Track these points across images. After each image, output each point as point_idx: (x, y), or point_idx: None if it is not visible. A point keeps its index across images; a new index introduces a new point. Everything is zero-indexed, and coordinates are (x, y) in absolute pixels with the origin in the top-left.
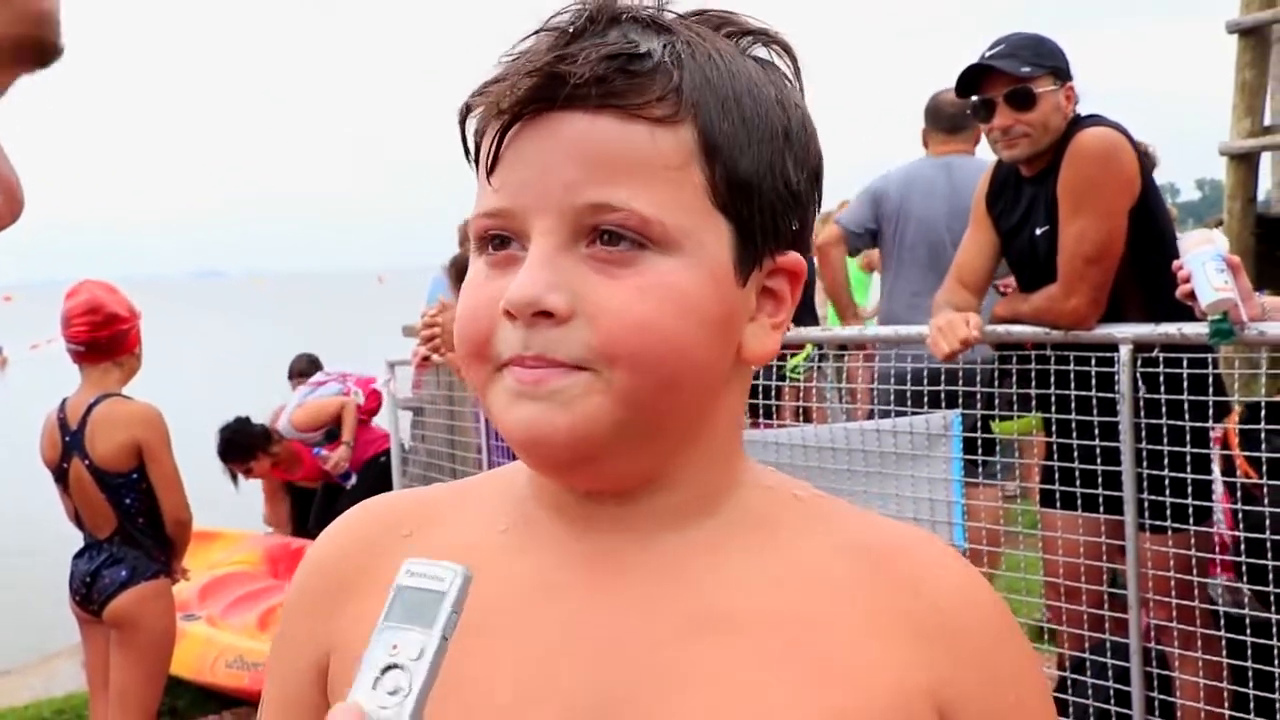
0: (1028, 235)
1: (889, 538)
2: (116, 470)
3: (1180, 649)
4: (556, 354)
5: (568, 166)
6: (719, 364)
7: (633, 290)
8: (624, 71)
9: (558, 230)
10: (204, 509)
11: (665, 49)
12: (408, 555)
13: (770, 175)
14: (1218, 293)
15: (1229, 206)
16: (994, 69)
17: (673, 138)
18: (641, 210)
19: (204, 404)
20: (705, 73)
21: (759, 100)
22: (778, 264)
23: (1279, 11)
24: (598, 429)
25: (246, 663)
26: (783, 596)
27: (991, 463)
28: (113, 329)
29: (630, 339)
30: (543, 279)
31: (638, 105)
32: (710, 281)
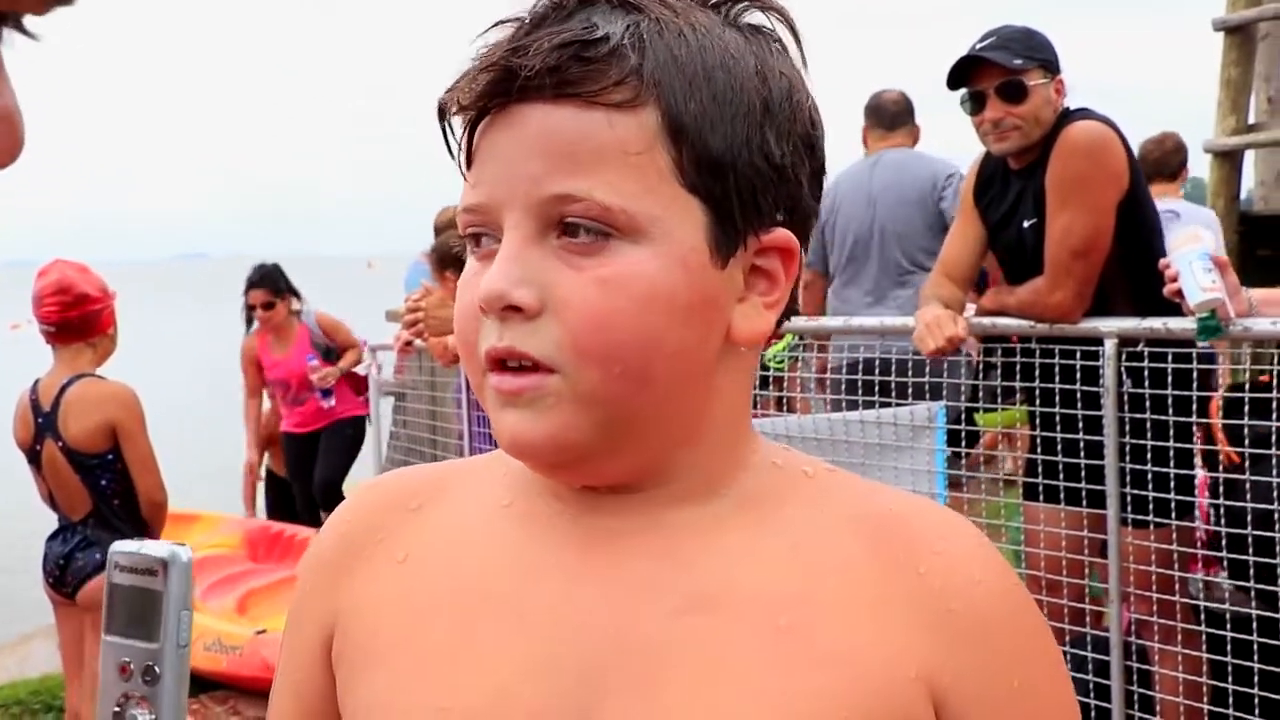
0: (1015, 228)
1: (894, 509)
2: (91, 451)
3: (1160, 644)
4: (527, 348)
5: (531, 159)
6: (699, 351)
7: (594, 282)
8: (578, 59)
9: (525, 224)
10: (182, 491)
11: (627, 30)
12: (416, 527)
13: (746, 151)
14: (1205, 292)
15: (1213, 204)
16: (985, 61)
17: (634, 122)
18: (602, 199)
19: (183, 385)
20: (671, 51)
21: (734, 73)
22: (764, 242)
23: (1265, 9)
24: (577, 434)
25: (225, 646)
26: (777, 575)
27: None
28: (83, 309)
29: (593, 335)
30: (511, 273)
31: (594, 92)
32: (680, 268)
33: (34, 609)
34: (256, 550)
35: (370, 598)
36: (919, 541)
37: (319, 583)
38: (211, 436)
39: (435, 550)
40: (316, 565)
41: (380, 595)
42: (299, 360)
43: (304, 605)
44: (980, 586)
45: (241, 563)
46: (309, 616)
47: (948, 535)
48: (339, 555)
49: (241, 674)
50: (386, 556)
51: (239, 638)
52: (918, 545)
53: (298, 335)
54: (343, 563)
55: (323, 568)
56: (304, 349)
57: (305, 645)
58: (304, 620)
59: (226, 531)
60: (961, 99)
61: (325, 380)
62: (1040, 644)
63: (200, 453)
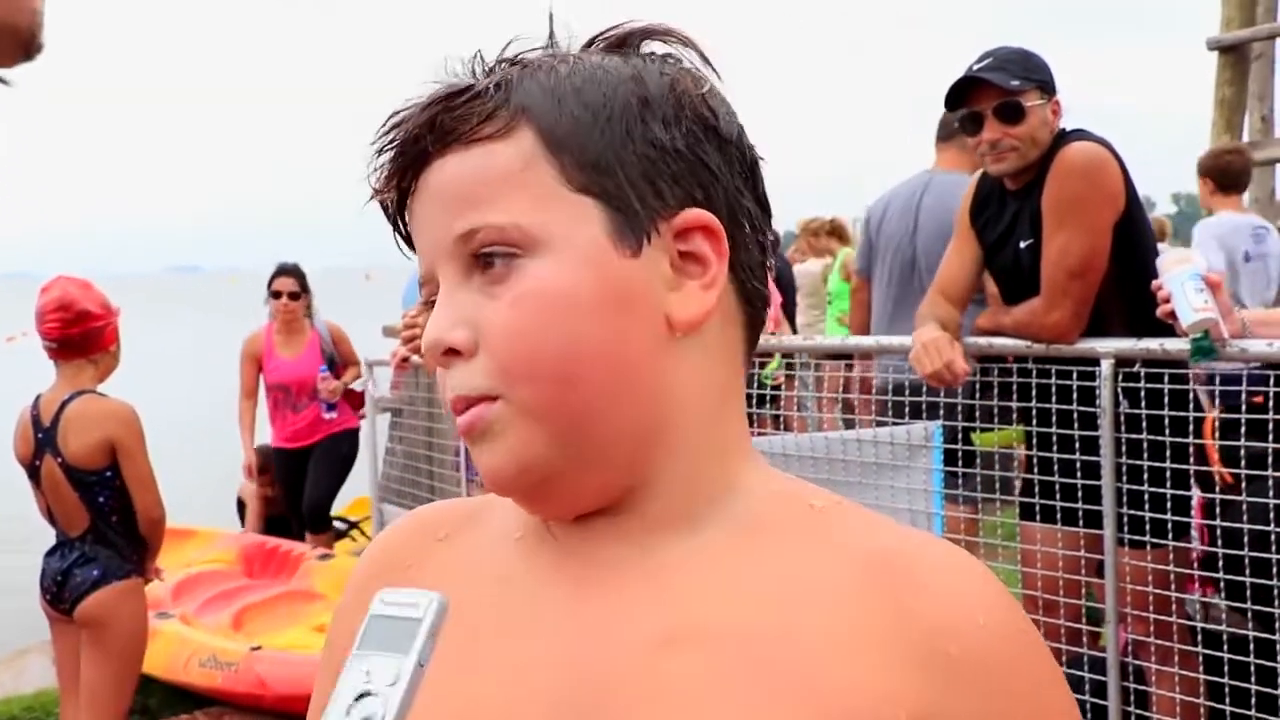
0: (1012, 248)
1: (895, 546)
2: (89, 468)
3: (1157, 664)
4: (467, 390)
5: (438, 212)
6: (625, 344)
7: (507, 304)
8: (447, 110)
9: (450, 271)
10: (179, 507)
11: (490, 78)
12: (442, 557)
13: (630, 143)
14: (1198, 313)
15: None
16: (982, 82)
17: (510, 147)
18: (494, 221)
19: (176, 399)
20: (539, 81)
21: (605, 83)
22: (678, 224)
23: (1258, 30)
24: (533, 451)
25: (220, 662)
26: (767, 610)
27: (971, 477)
28: (84, 326)
29: (512, 354)
30: (444, 319)
31: (468, 131)
32: (584, 265)
33: (29, 624)
34: (252, 566)
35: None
36: (919, 580)
37: (350, 606)
38: (206, 451)
39: (453, 581)
40: (350, 590)
41: None
42: (306, 365)
43: (336, 627)
44: (983, 630)
45: (237, 578)
46: (339, 638)
47: (950, 574)
48: (368, 580)
49: (236, 690)
50: (412, 584)
51: (234, 654)
52: (917, 584)
53: (309, 339)
54: (371, 588)
55: (354, 593)
56: (314, 355)
57: (332, 666)
58: (335, 642)
59: (222, 547)
60: (960, 120)
61: (334, 394)
62: (1050, 693)
63: (196, 467)
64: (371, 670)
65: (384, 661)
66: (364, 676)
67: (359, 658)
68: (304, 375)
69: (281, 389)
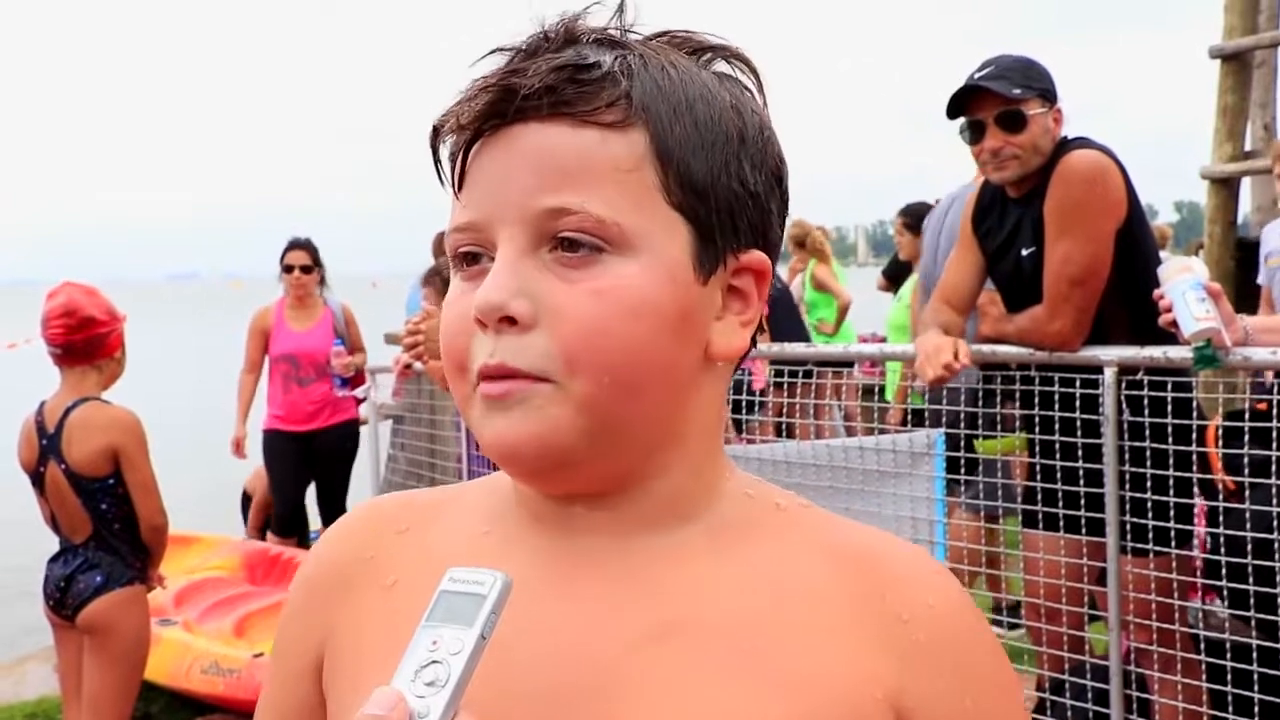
0: (1014, 256)
1: (863, 543)
2: (93, 475)
3: (1160, 672)
4: (518, 363)
5: (525, 174)
6: (682, 363)
7: (588, 293)
8: (573, 81)
9: (519, 237)
10: (180, 514)
11: (616, 60)
12: (403, 551)
13: (725, 175)
14: (1199, 322)
15: (1209, 230)
16: (984, 90)
17: (624, 141)
18: (596, 212)
19: (176, 406)
20: (657, 81)
21: (712, 105)
22: (741, 263)
23: (1261, 38)
24: (564, 438)
25: (222, 669)
26: (745, 602)
27: (974, 484)
28: (89, 332)
29: (586, 345)
30: (507, 285)
31: (587, 111)
32: (668, 281)
33: (30, 631)
34: (255, 573)
35: (357, 621)
36: (884, 571)
37: (308, 605)
38: (207, 458)
39: (420, 575)
40: (305, 588)
41: (367, 619)
42: (318, 338)
43: (290, 627)
44: (936, 611)
45: (239, 585)
46: (296, 637)
47: (910, 566)
48: (328, 579)
49: (239, 697)
50: (374, 581)
51: (237, 660)
52: (883, 575)
53: (321, 315)
54: (332, 586)
55: (311, 591)
56: (327, 330)
57: (290, 666)
58: (291, 641)
59: (224, 554)
60: (961, 128)
61: (348, 368)
62: (992, 664)
63: (196, 474)
64: (439, 640)
65: (450, 633)
66: (431, 645)
67: (428, 628)
68: (314, 348)
69: (289, 360)
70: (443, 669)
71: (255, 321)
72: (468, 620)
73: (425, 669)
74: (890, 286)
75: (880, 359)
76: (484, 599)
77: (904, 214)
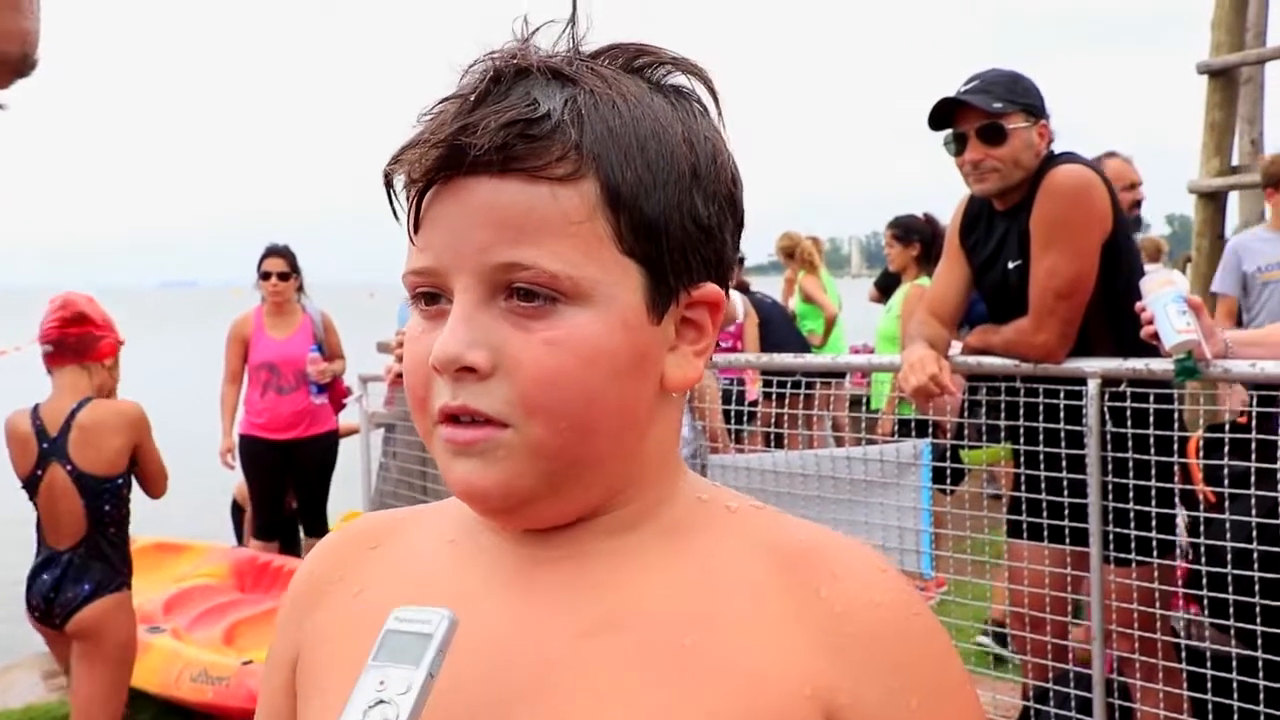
0: (1000, 269)
1: (803, 540)
2: (105, 475)
3: (1142, 681)
4: (479, 405)
5: (479, 230)
6: (636, 402)
7: (543, 344)
8: (523, 136)
9: (475, 288)
10: (171, 522)
11: (566, 105)
12: (370, 565)
13: (678, 215)
14: (1180, 334)
15: (1197, 244)
16: (966, 104)
17: (575, 194)
18: (548, 267)
19: (170, 414)
20: (608, 123)
21: (664, 142)
22: (694, 296)
23: (1247, 54)
24: (524, 481)
25: (211, 677)
26: (685, 596)
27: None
28: (82, 328)
29: (543, 393)
30: (463, 337)
31: (539, 167)
32: (620, 328)
33: (16, 640)
34: (244, 580)
35: (326, 630)
36: (823, 567)
37: (288, 619)
38: (199, 466)
39: (385, 583)
40: (287, 604)
41: (335, 627)
42: (296, 346)
43: (276, 641)
44: (879, 609)
45: (229, 593)
46: (278, 650)
47: (851, 562)
48: (305, 593)
49: (228, 705)
50: (344, 592)
51: (226, 668)
52: (821, 571)
53: (300, 322)
54: (308, 600)
55: (291, 606)
56: (306, 337)
57: (273, 678)
58: (275, 654)
59: (214, 562)
60: (945, 140)
61: (323, 375)
62: (941, 665)
63: (188, 483)
64: (385, 680)
65: (397, 673)
66: (378, 686)
67: (374, 668)
68: (293, 355)
69: (268, 368)
70: (391, 709)
71: (234, 330)
72: (414, 660)
73: (373, 709)
74: (881, 297)
75: (869, 370)
76: (430, 638)
77: (894, 225)
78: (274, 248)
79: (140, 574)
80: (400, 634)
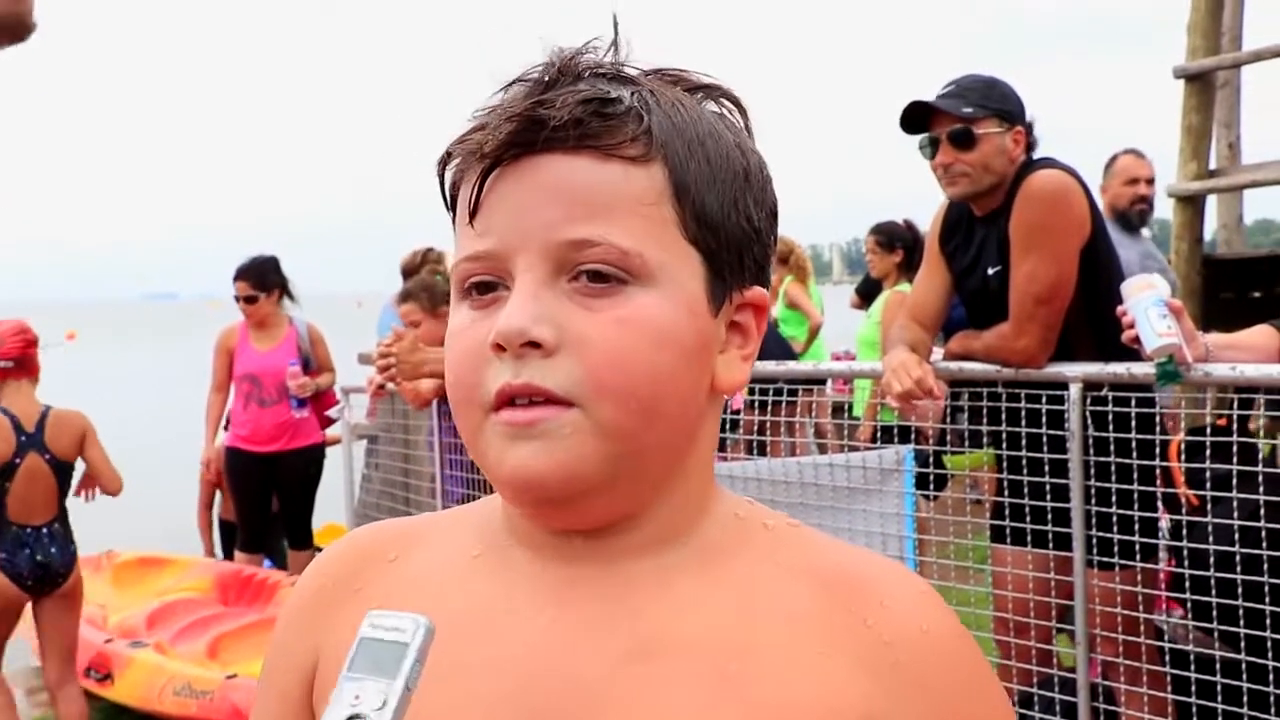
0: (980, 274)
1: (851, 566)
2: (69, 459)
3: (1127, 684)
4: (545, 383)
5: (548, 206)
6: (697, 395)
7: (613, 322)
8: (599, 114)
9: (540, 266)
10: (153, 535)
11: (633, 95)
12: (392, 578)
13: (734, 212)
14: (1161, 338)
15: (1176, 247)
16: (937, 108)
17: (645, 176)
18: (619, 243)
19: (150, 426)
20: (671, 118)
21: (720, 143)
22: (744, 298)
23: (1224, 59)
24: (587, 466)
25: (195, 691)
26: (726, 623)
27: None
28: (34, 349)
29: (612, 371)
30: (530, 311)
31: (613, 145)
32: (686, 313)
33: None
34: (227, 594)
35: (345, 645)
36: (868, 594)
37: (297, 630)
38: (181, 478)
39: (408, 599)
40: (294, 615)
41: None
42: (279, 358)
43: (279, 653)
44: (926, 637)
45: (212, 606)
46: (284, 663)
47: (896, 589)
48: (318, 604)
49: (212, 719)
50: (364, 605)
51: (210, 682)
52: (866, 598)
53: (285, 334)
54: (321, 612)
55: (299, 616)
56: (290, 350)
57: (278, 690)
58: (278, 667)
59: (197, 575)
60: (920, 144)
61: (303, 389)
62: (985, 689)
63: (170, 495)
64: (361, 694)
65: (373, 685)
66: (353, 699)
67: (350, 680)
68: (275, 367)
69: (251, 380)
70: None
71: (221, 340)
72: (390, 672)
73: None
74: (863, 304)
75: (850, 376)
76: (406, 647)
77: (875, 232)
78: (240, 269)
79: (123, 588)
80: (375, 642)
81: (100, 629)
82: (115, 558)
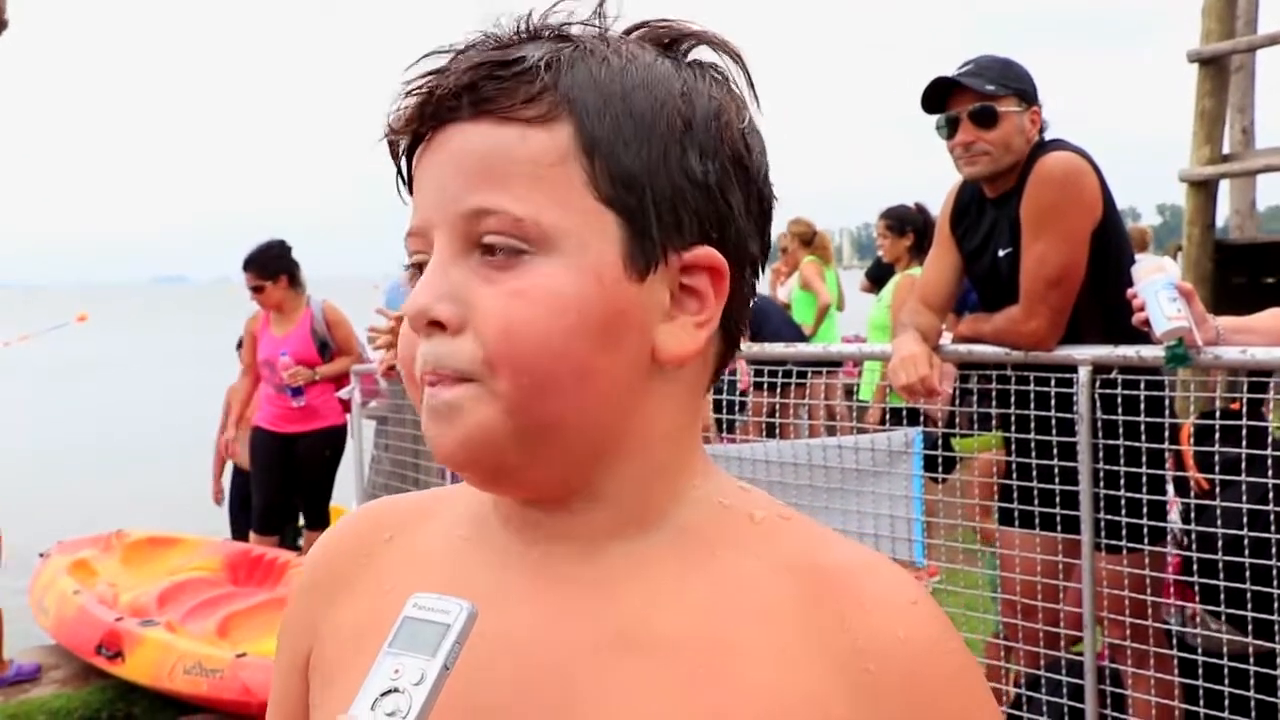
0: (990, 256)
1: (837, 564)
2: None
3: (1134, 668)
4: (445, 367)
5: (453, 177)
6: (615, 366)
7: (508, 294)
8: (491, 77)
9: (450, 241)
10: (165, 515)
11: (546, 54)
12: (389, 558)
13: (664, 167)
14: (1171, 321)
15: (1189, 232)
16: (959, 85)
17: (546, 136)
18: (514, 211)
19: (163, 408)
20: (590, 72)
21: (654, 92)
22: (687, 259)
23: (1238, 42)
24: (490, 438)
25: (205, 669)
26: (704, 619)
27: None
28: None
29: (505, 344)
30: (433, 289)
31: (507, 108)
32: (593, 281)
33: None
34: (237, 573)
35: (344, 622)
36: (852, 597)
37: (303, 604)
38: (192, 460)
39: (402, 579)
40: (302, 589)
41: (352, 620)
42: (294, 343)
43: (287, 626)
44: (903, 646)
45: (222, 586)
46: (290, 635)
47: (880, 592)
48: (323, 579)
49: (222, 697)
50: (372, 583)
51: (220, 661)
52: (849, 601)
53: (300, 319)
54: (326, 587)
55: (305, 591)
56: (304, 334)
57: (285, 662)
58: (286, 639)
59: (207, 555)
60: (938, 123)
61: (294, 378)
62: (966, 707)
63: (182, 476)
64: (401, 668)
65: (413, 661)
66: (393, 674)
67: (389, 655)
68: (290, 352)
69: (267, 366)
70: (404, 699)
71: (248, 326)
72: (430, 650)
73: (386, 697)
74: (873, 288)
75: (859, 359)
76: (448, 628)
77: (886, 216)
78: (246, 260)
79: (133, 567)
80: (418, 621)
81: (111, 607)
82: (125, 537)
